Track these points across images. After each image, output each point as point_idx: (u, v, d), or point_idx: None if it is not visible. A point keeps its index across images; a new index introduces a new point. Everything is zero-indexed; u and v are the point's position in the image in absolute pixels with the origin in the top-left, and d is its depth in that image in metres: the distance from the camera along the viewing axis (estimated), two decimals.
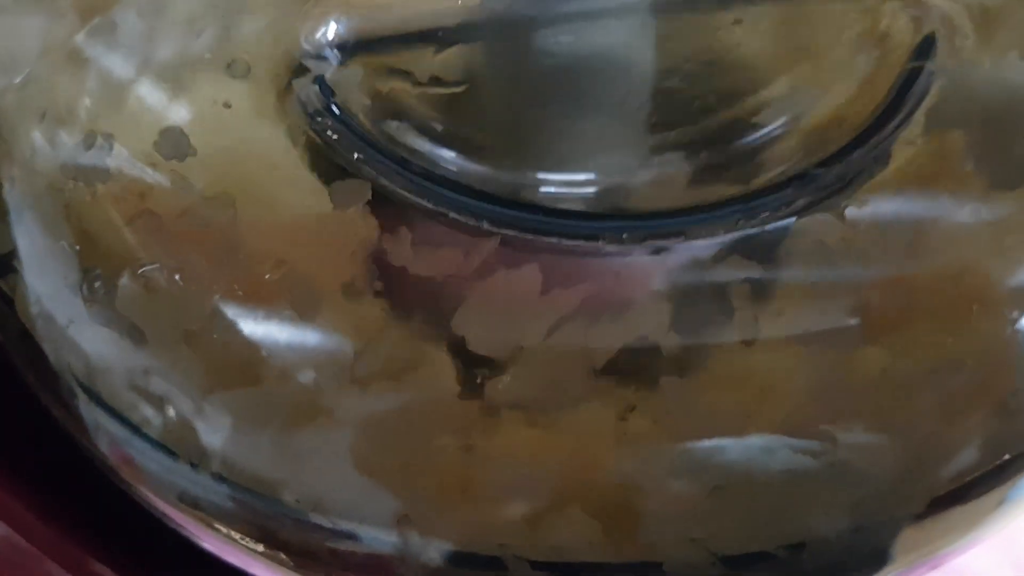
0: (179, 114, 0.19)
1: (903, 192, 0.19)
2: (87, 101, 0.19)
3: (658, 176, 0.21)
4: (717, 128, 0.21)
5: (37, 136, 0.19)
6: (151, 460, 0.19)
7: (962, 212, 0.19)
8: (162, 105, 0.19)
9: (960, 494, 0.19)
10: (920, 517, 0.18)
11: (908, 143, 0.19)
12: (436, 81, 0.20)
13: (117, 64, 0.19)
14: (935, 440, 0.18)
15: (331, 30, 0.19)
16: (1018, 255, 0.19)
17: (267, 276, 0.18)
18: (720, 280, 0.18)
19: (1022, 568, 0.29)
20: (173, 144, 0.18)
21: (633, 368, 0.17)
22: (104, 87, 0.19)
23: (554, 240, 0.18)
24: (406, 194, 0.18)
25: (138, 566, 0.24)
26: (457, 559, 0.18)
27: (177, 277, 0.18)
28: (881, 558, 0.19)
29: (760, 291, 0.18)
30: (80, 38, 0.20)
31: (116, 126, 0.19)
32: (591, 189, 0.20)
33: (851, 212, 0.18)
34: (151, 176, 0.18)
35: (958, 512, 0.19)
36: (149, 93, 0.19)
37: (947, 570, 0.21)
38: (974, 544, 0.20)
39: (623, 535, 0.17)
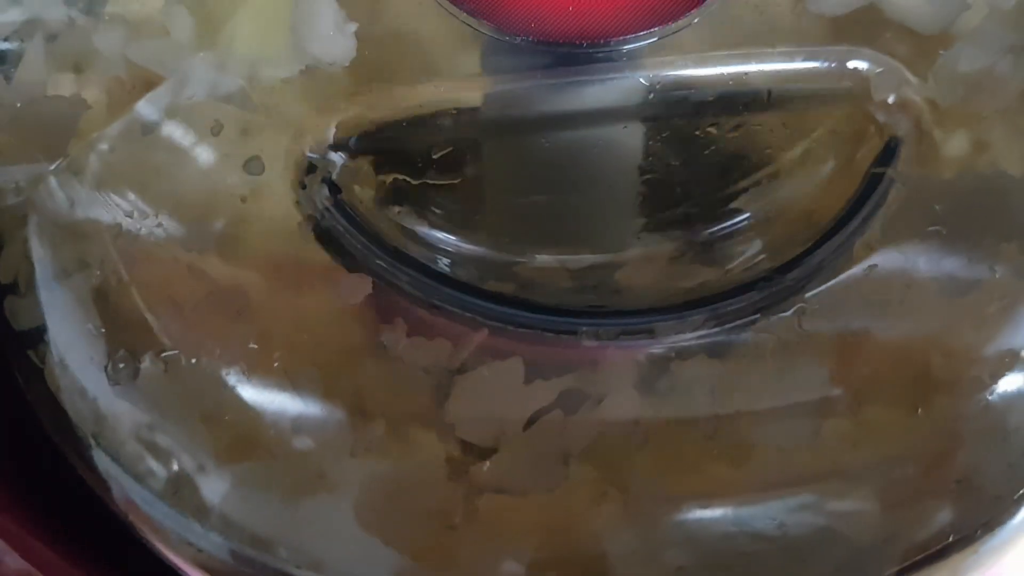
0: (200, 208, 0.21)
1: (858, 283, 0.20)
2: (116, 189, 0.21)
3: (642, 255, 0.22)
4: (694, 216, 0.22)
5: (68, 221, 0.21)
6: (158, 512, 0.20)
7: (916, 303, 0.20)
8: (184, 199, 0.21)
9: (915, 569, 0.20)
10: None
11: (868, 246, 0.21)
12: (435, 174, 0.22)
13: (144, 156, 0.21)
14: (887, 521, 0.19)
15: (335, 133, 0.21)
16: (969, 348, 0.20)
17: (275, 364, 0.19)
18: (686, 374, 0.19)
19: None
20: (194, 236, 0.20)
21: (606, 456, 0.19)
22: (132, 177, 0.21)
23: (537, 333, 0.20)
24: (404, 288, 0.20)
25: None
26: None
27: (194, 361, 0.20)
28: None
29: (722, 382, 0.19)
30: (108, 130, 0.21)
31: (143, 216, 0.21)
32: (578, 266, 0.22)
33: (809, 300, 0.20)
34: (173, 266, 0.20)
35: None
36: (173, 187, 0.21)
37: None
38: None
39: None
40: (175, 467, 0.20)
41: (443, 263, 0.22)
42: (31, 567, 0.24)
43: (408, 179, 0.22)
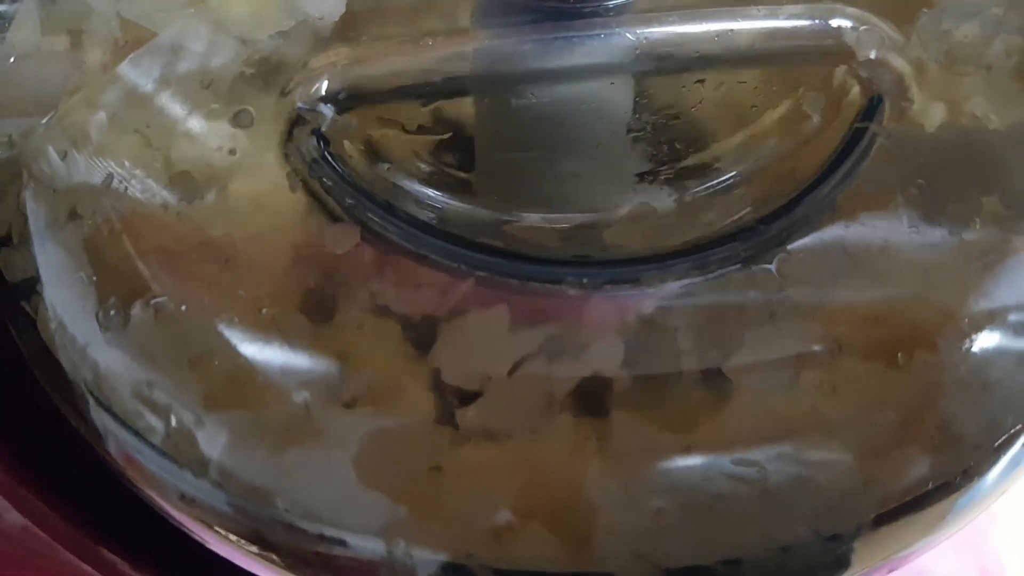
0: (189, 159, 0.21)
1: (841, 235, 0.21)
2: (106, 142, 0.21)
3: (630, 214, 0.23)
4: (682, 174, 0.23)
5: (60, 173, 0.21)
6: (154, 464, 0.21)
7: (898, 255, 0.20)
8: (174, 151, 0.21)
9: (897, 515, 0.20)
10: (855, 537, 0.20)
11: (851, 198, 0.21)
12: (424, 129, 0.22)
13: (135, 109, 0.21)
14: (867, 468, 0.20)
15: (324, 86, 0.21)
16: (950, 298, 0.20)
17: (263, 311, 0.20)
18: (670, 322, 0.20)
19: (989, 573, 0.30)
20: (183, 187, 0.20)
21: (589, 400, 0.19)
22: (122, 130, 0.21)
23: (522, 283, 0.20)
24: (391, 238, 0.20)
25: (146, 556, 0.26)
26: (429, 566, 0.19)
27: (184, 308, 0.20)
28: (835, 566, 0.20)
29: (704, 331, 0.20)
30: (100, 84, 0.22)
31: (133, 167, 0.21)
32: (567, 225, 0.22)
33: (792, 251, 0.20)
34: (163, 216, 0.20)
35: (899, 529, 0.20)
36: (163, 139, 0.21)
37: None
38: (924, 552, 0.22)
39: (578, 549, 0.19)
40: (171, 419, 0.20)
41: (431, 220, 0.22)
42: (28, 522, 0.24)
43: (397, 134, 0.22)
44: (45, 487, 0.25)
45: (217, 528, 0.21)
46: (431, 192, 0.22)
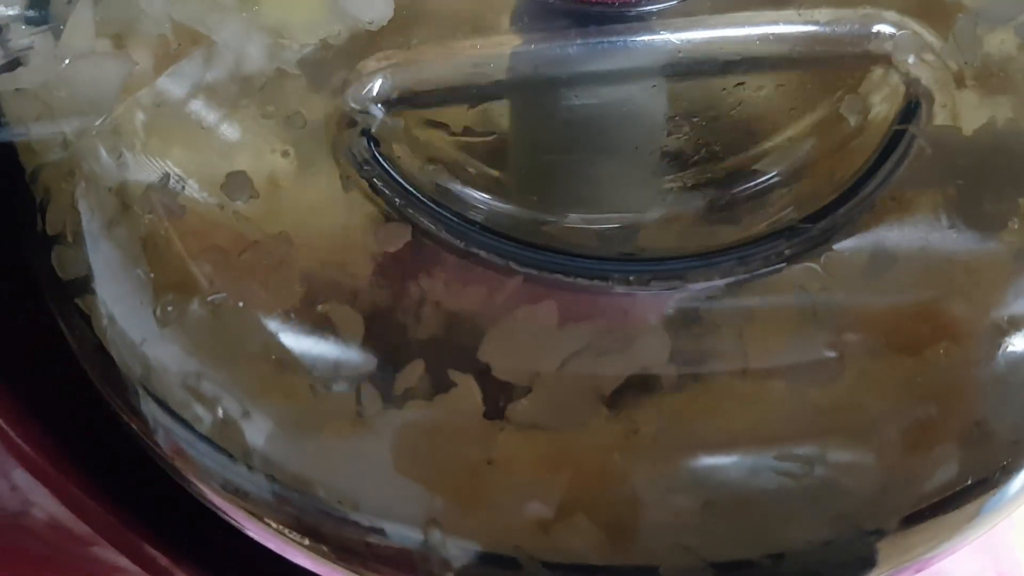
0: (244, 160, 0.21)
1: (882, 234, 0.21)
2: (161, 143, 0.22)
3: (667, 216, 0.23)
4: (720, 176, 0.23)
5: (113, 173, 0.22)
6: (202, 454, 0.21)
7: (936, 254, 0.21)
8: (229, 151, 0.21)
9: (934, 510, 0.20)
10: (893, 532, 0.20)
11: (891, 198, 0.21)
12: (469, 131, 0.23)
13: (189, 111, 0.22)
14: (907, 462, 0.20)
15: (376, 88, 0.22)
16: (987, 297, 0.21)
17: (319, 308, 0.20)
18: (715, 319, 0.20)
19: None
20: (238, 187, 0.21)
21: (636, 395, 0.20)
22: (177, 131, 0.22)
23: (570, 279, 0.20)
24: (441, 236, 0.21)
25: (190, 553, 0.26)
26: (478, 557, 0.20)
27: (241, 304, 0.20)
28: (861, 565, 0.21)
29: (749, 328, 0.20)
30: (155, 86, 0.22)
31: (188, 167, 0.21)
32: (607, 226, 0.23)
33: (834, 250, 0.21)
34: (219, 215, 0.21)
35: (934, 525, 0.21)
36: (218, 140, 0.21)
37: None
38: (954, 551, 0.22)
39: (624, 541, 0.20)
40: (220, 412, 0.20)
41: (477, 219, 0.22)
42: (59, 515, 0.25)
43: (443, 136, 0.23)
44: (89, 481, 0.25)
45: (264, 518, 0.21)
46: (474, 193, 0.23)
